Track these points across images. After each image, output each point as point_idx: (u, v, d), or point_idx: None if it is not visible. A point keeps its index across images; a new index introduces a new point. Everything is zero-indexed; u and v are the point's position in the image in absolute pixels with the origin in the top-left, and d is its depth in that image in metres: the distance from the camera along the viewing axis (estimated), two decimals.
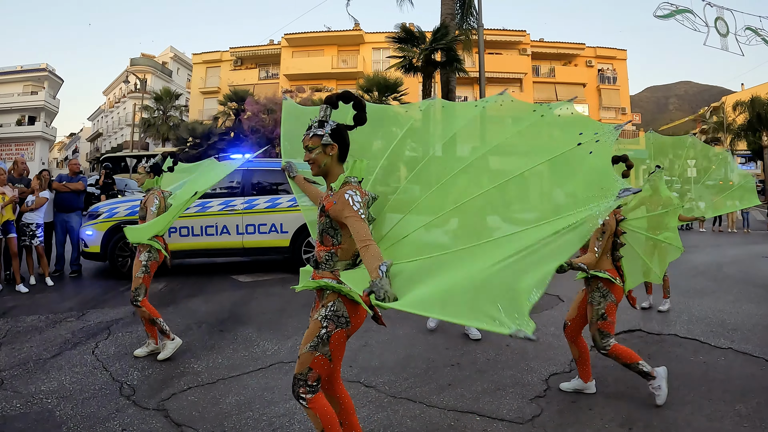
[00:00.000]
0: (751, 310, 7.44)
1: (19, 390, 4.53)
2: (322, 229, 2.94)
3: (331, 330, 2.84)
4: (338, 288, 2.84)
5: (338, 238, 2.91)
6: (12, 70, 51.65)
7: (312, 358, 2.83)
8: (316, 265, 3.01)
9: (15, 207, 8.77)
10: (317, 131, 2.93)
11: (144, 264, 5.35)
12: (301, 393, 2.83)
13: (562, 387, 4.65)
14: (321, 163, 2.94)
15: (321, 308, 2.89)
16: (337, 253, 2.92)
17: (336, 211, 2.80)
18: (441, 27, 21.60)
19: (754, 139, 47.24)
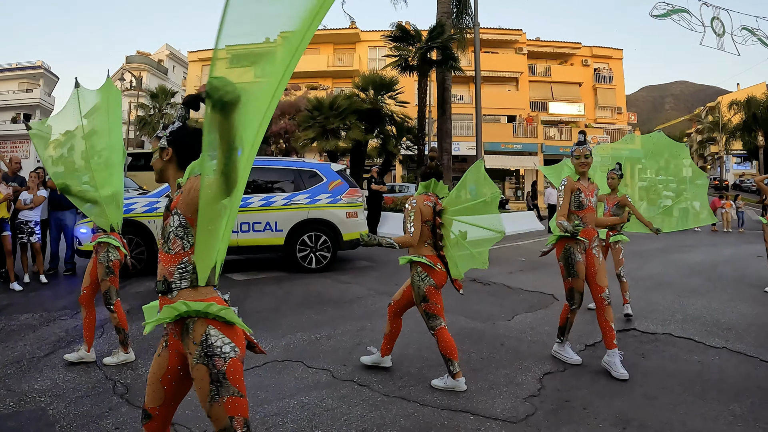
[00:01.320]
0: (746, 310, 7.45)
1: (12, 388, 4.51)
2: (170, 232, 2.42)
3: (220, 366, 2.27)
4: (204, 310, 2.31)
5: (189, 239, 2.40)
6: (7, 67, 51.53)
7: (224, 408, 2.26)
8: (166, 287, 2.41)
9: (9, 205, 8.74)
10: (158, 133, 2.62)
11: (106, 265, 5.22)
12: None
13: (362, 360, 5.15)
14: (157, 169, 2.62)
15: (194, 347, 2.31)
16: (191, 260, 2.38)
17: (186, 199, 2.37)
18: (437, 25, 21.59)
19: (750, 138, 47.45)
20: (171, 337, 2.47)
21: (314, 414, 4.08)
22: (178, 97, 48.78)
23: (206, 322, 2.33)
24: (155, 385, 2.51)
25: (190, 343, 2.32)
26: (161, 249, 2.45)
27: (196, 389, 2.32)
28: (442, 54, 21.76)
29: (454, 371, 4.56)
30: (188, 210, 2.35)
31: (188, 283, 2.38)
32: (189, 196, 2.34)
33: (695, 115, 77.64)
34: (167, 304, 2.36)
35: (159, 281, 2.43)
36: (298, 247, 10.36)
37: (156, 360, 2.54)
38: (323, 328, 6.44)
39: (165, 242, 2.42)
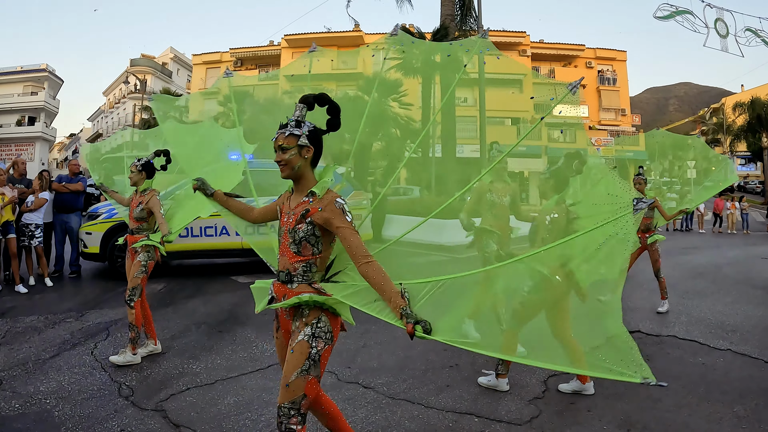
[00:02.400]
0: (750, 312, 7.44)
1: (18, 390, 4.53)
2: (303, 238, 2.68)
3: (321, 348, 2.62)
4: (323, 301, 2.64)
5: (319, 246, 2.70)
6: (12, 70, 51.68)
7: (306, 383, 2.57)
8: (289, 278, 2.73)
9: (15, 207, 8.77)
10: (294, 131, 2.73)
11: (143, 264, 5.31)
12: (292, 424, 2.56)
13: (560, 388, 4.65)
14: (295, 165, 2.74)
15: (305, 327, 2.63)
16: (316, 263, 2.72)
17: (324, 218, 2.63)
18: (441, 28, 21.61)
19: (754, 140, 47.27)
20: (282, 318, 2.84)
21: None
22: (182, 100, 48.88)
23: (321, 310, 2.67)
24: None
25: (301, 322, 2.66)
26: (288, 247, 2.73)
27: (290, 359, 2.60)
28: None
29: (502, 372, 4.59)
30: (326, 225, 2.66)
31: (308, 279, 2.72)
32: (327, 222, 2.64)
33: (699, 117, 77.48)
34: (287, 292, 2.71)
35: (282, 272, 2.76)
36: None
37: (276, 343, 2.96)
38: None
39: (295, 244, 2.70)
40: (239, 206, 3.47)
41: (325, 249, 2.74)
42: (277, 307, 2.76)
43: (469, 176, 3.72)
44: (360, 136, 3.50)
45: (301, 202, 2.74)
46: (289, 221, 2.74)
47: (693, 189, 8.30)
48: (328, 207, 2.65)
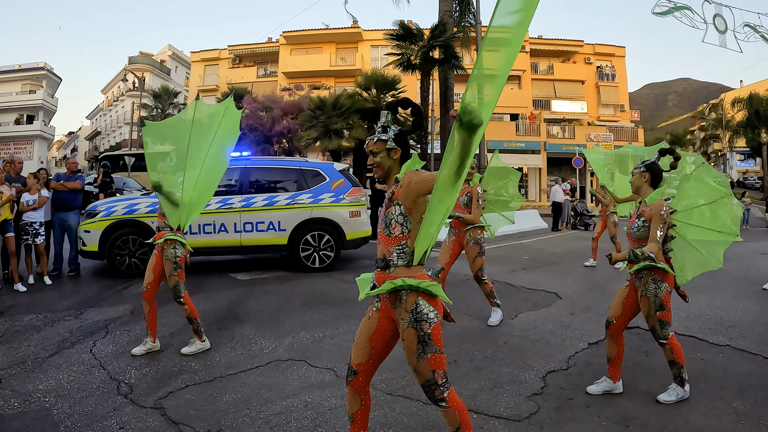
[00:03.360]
0: (750, 307, 7.44)
1: (16, 389, 4.52)
2: (391, 219, 2.95)
3: (426, 330, 2.84)
4: (416, 285, 2.84)
5: (407, 225, 2.93)
6: (10, 69, 51.61)
7: (428, 363, 2.84)
8: (385, 264, 2.96)
9: (12, 206, 8.75)
10: (381, 136, 3.08)
11: (173, 261, 5.46)
12: (438, 395, 2.86)
13: (589, 390, 4.52)
14: (385, 167, 3.09)
15: (406, 315, 2.86)
16: (408, 244, 2.92)
17: (405, 190, 2.91)
18: (439, 24, 21.61)
19: (753, 136, 47.24)
20: (383, 303, 3.05)
21: (318, 413, 4.09)
22: (180, 97, 48.89)
23: (417, 294, 2.87)
24: (363, 343, 3.10)
25: (402, 310, 2.89)
26: (381, 232, 3.00)
27: (405, 348, 2.88)
28: (444, 53, 21.78)
29: (685, 377, 4.38)
30: (407, 200, 2.90)
31: (404, 262, 2.92)
32: (409, 188, 2.89)
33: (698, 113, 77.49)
34: (385, 278, 2.93)
35: (379, 259, 3.00)
36: (302, 247, 10.36)
37: (365, 322, 3.14)
38: (327, 327, 6.45)
39: (386, 227, 2.96)
40: None
41: (413, 227, 2.92)
42: (374, 293, 3.00)
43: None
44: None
45: (389, 192, 3.07)
46: (383, 210, 3.04)
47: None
48: (405, 179, 2.94)
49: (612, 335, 4.52)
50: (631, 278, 4.50)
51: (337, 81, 43.91)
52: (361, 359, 3.08)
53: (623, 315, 4.51)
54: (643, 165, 4.56)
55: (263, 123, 31.97)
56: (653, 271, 4.30)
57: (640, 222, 4.38)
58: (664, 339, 4.32)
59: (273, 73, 46.30)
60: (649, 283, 4.31)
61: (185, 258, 5.60)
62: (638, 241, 4.40)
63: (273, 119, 31.77)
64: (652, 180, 4.49)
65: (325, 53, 44.81)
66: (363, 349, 3.09)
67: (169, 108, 44.33)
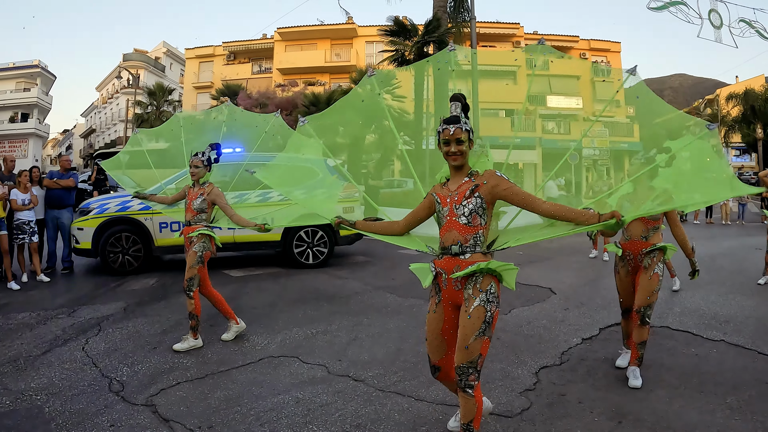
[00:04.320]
0: (744, 303, 7.44)
1: (8, 387, 4.50)
2: (473, 210, 3.01)
3: (493, 312, 2.98)
4: (495, 268, 2.98)
5: (485, 218, 3.04)
6: (4, 67, 51.46)
7: (482, 344, 2.93)
8: (460, 250, 3.03)
9: (5, 204, 8.71)
10: (465, 126, 3.09)
11: (199, 255, 5.59)
12: (471, 380, 2.93)
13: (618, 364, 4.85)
14: (467, 154, 3.13)
15: (480, 293, 2.97)
16: (484, 233, 3.05)
17: (490, 188, 3.01)
18: (433, 20, 21.60)
19: (748, 131, 47.36)
20: (449, 290, 3.10)
21: (309, 409, 4.08)
22: (175, 94, 48.72)
23: (492, 278, 3.02)
24: (437, 339, 3.21)
25: (476, 290, 2.99)
26: (456, 221, 3.05)
27: (468, 325, 2.95)
28: (438, 48, 21.71)
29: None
30: (489, 198, 3.03)
31: (480, 249, 3.04)
32: (494, 190, 3.01)
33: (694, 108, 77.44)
34: (459, 263, 3.03)
35: (453, 245, 3.05)
36: (295, 243, 10.33)
37: (433, 318, 3.21)
38: (319, 323, 6.44)
39: (465, 216, 3.03)
40: (382, 226, 3.72)
41: (488, 220, 3.08)
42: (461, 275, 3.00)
43: None
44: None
45: (464, 182, 3.11)
46: (455, 199, 3.07)
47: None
48: (491, 178, 3.03)
49: (633, 319, 4.65)
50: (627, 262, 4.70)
51: (331, 77, 43.78)
52: (440, 355, 3.22)
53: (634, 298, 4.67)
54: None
55: None
56: (662, 253, 4.55)
57: None
58: (649, 318, 4.51)
59: (268, 70, 46.15)
60: (661, 262, 4.54)
61: (210, 255, 5.77)
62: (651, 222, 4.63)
63: None
64: None
65: (319, 49, 44.68)
66: (439, 345, 3.21)
67: (164, 105, 44.21)
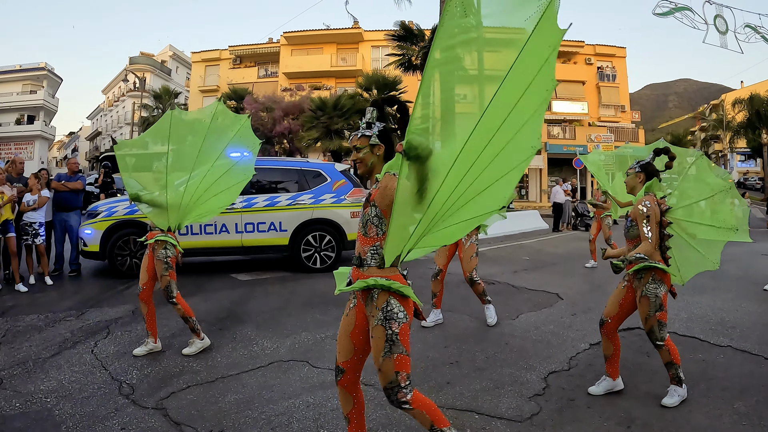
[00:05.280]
0: (750, 308, 7.44)
1: (18, 389, 4.52)
2: (367, 219, 2.96)
3: (395, 329, 2.85)
4: (388, 285, 2.85)
5: (382, 227, 2.93)
6: (11, 69, 51.63)
7: (393, 363, 2.83)
8: (360, 262, 2.98)
9: (14, 206, 8.76)
10: (365, 132, 3.06)
11: (165, 261, 5.44)
12: (401, 398, 2.84)
13: (591, 392, 4.50)
14: (368, 162, 3.08)
15: (377, 313, 2.87)
16: (382, 245, 2.92)
17: (380, 192, 2.91)
18: None
19: (754, 136, 47.22)
20: (359, 301, 3.06)
21: (320, 414, 4.10)
22: (181, 97, 48.89)
23: (388, 293, 2.88)
24: (345, 340, 3.11)
25: (373, 308, 2.90)
26: (359, 231, 3.02)
27: (373, 346, 2.89)
28: None
29: (682, 376, 4.32)
30: (383, 203, 2.90)
31: (376, 263, 2.92)
32: (385, 191, 2.88)
33: (699, 113, 77.37)
34: (360, 276, 2.95)
35: (355, 256, 3.03)
36: (303, 247, 10.36)
37: (344, 320, 3.14)
38: (328, 327, 6.45)
39: (363, 227, 2.98)
40: None
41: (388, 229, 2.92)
42: (348, 290, 2.99)
43: None
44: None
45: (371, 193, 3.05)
46: (361, 211, 3.06)
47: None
48: (383, 181, 2.94)
49: (607, 334, 4.51)
50: (629, 278, 4.46)
51: (337, 81, 43.86)
52: (345, 357, 3.11)
53: (618, 315, 4.50)
54: (638, 165, 4.59)
55: (264, 123, 31.98)
56: (653, 271, 4.28)
57: (629, 222, 4.45)
58: (661, 341, 4.27)
59: (274, 74, 46.25)
60: (649, 283, 4.28)
61: (176, 258, 5.58)
62: (631, 241, 4.46)
63: (274, 120, 31.78)
64: (646, 180, 4.51)
65: (326, 54, 44.75)
66: (346, 347, 3.11)
67: (170, 108, 44.26)
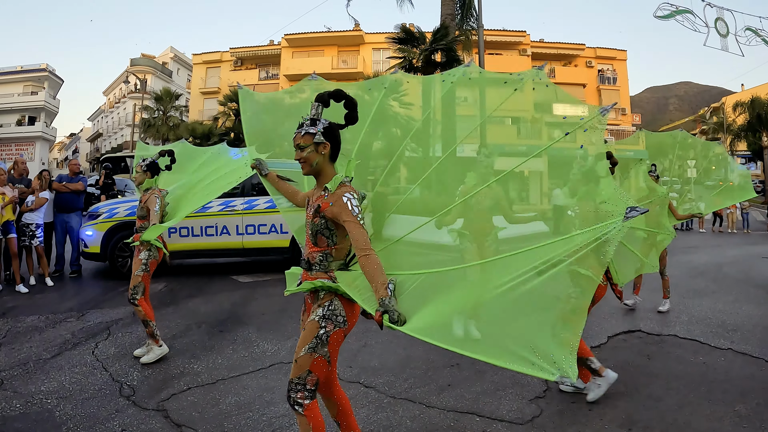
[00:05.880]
0: (751, 311, 7.44)
1: (18, 390, 4.53)
2: (317, 230, 2.84)
3: (329, 330, 2.74)
4: (335, 287, 2.77)
5: (333, 239, 2.85)
6: (12, 70, 51.62)
7: (311, 361, 2.71)
8: (308, 266, 2.90)
9: (15, 207, 8.77)
10: (309, 129, 2.86)
11: (144, 262, 5.35)
12: (299, 398, 2.72)
13: (562, 387, 4.63)
14: (312, 162, 2.87)
15: (317, 308, 2.79)
16: (332, 253, 2.87)
17: (333, 213, 2.76)
18: (441, 27, 21.61)
19: (754, 139, 47.30)
20: (308, 302, 2.97)
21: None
22: (182, 99, 48.88)
23: (333, 295, 2.82)
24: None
25: (317, 305, 2.83)
26: (308, 237, 2.92)
27: (302, 337, 2.79)
28: (446, 56, 21.79)
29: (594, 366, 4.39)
30: (335, 219, 2.78)
31: (325, 268, 2.87)
32: (335, 215, 2.77)
33: (699, 116, 77.35)
34: (308, 278, 2.88)
35: (303, 260, 2.95)
36: None
37: (300, 326, 3.01)
38: None
39: (312, 236, 2.89)
40: (288, 188, 3.61)
41: (340, 240, 2.87)
42: (297, 291, 2.93)
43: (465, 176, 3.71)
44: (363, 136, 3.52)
45: (318, 196, 2.90)
46: (309, 213, 2.93)
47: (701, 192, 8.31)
48: (337, 202, 2.76)
49: None
50: None
51: (339, 84, 43.81)
52: None
53: None
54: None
55: None
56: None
57: None
58: None
59: (275, 76, 46.28)
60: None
61: (164, 259, 5.53)
62: None
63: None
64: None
65: (326, 56, 44.81)
66: None
67: (171, 110, 44.31)
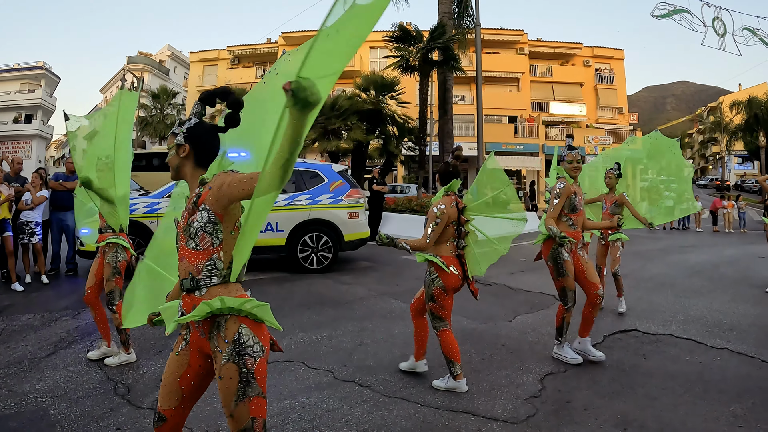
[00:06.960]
0: (747, 311, 7.44)
1: (13, 389, 4.51)
2: (197, 228, 2.35)
3: (250, 366, 2.28)
4: (239, 306, 2.30)
5: (218, 235, 2.36)
6: (9, 68, 51.57)
7: (248, 407, 2.27)
8: (194, 284, 2.37)
9: (11, 205, 8.74)
10: (174, 129, 2.55)
11: (113, 266, 5.21)
12: None
13: (401, 366, 5.03)
14: (173, 165, 2.54)
15: (224, 345, 2.28)
16: (220, 256, 2.36)
17: (215, 192, 2.32)
18: (438, 26, 21.63)
19: (751, 139, 47.46)
20: (195, 335, 2.42)
21: (315, 415, 4.08)
22: (179, 97, 48.84)
23: (239, 320, 2.31)
24: (172, 385, 2.47)
25: (221, 341, 2.29)
26: (185, 246, 2.40)
27: (222, 388, 2.28)
28: (443, 54, 21.80)
29: (455, 372, 4.54)
30: (218, 206, 2.31)
31: (218, 280, 2.36)
32: (221, 191, 2.29)
33: (697, 116, 77.57)
34: (196, 302, 2.33)
35: (185, 279, 2.38)
36: (300, 248, 10.35)
37: (174, 359, 2.49)
38: (324, 328, 6.44)
39: (190, 239, 2.36)
40: None
41: (226, 237, 2.37)
42: (187, 321, 2.34)
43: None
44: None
45: (192, 196, 2.47)
46: (183, 220, 2.45)
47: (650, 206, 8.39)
48: (217, 179, 2.35)
49: (411, 312, 4.99)
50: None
51: (336, 82, 43.81)
52: (170, 404, 2.47)
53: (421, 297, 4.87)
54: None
55: None
56: (432, 265, 4.63)
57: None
58: (434, 329, 4.69)
59: None
60: (426, 275, 4.71)
61: (126, 264, 5.33)
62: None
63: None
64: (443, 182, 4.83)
65: None
66: (172, 393, 2.47)
67: (168, 108, 44.30)
